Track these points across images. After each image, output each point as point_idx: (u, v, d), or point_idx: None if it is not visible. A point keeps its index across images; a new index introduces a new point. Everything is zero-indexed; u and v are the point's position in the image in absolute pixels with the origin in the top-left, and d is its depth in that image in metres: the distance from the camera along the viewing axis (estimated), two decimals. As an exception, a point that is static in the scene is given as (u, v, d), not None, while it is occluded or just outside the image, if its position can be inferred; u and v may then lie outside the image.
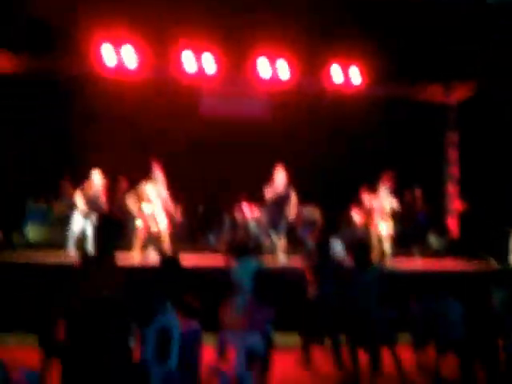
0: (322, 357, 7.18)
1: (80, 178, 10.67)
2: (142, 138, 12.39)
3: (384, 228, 10.73)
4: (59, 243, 10.58)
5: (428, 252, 12.36)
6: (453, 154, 14.93)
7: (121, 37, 11.22)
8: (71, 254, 9.80)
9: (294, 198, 10.18)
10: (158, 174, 10.12)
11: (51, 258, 9.43)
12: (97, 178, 10.28)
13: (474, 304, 6.74)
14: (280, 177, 10.13)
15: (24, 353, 6.29)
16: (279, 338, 6.31)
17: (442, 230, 13.79)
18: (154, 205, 9.93)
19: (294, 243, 11.69)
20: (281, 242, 10.31)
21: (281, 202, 10.11)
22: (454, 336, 6.54)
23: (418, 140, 14.05)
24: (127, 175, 11.86)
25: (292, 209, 10.27)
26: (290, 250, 10.50)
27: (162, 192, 10.11)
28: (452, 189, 14.84)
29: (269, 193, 10.17)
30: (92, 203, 10.07)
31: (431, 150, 14.82)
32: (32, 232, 11.12)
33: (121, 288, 4.12)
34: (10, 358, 5.22)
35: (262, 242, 10.91)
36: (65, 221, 10.80)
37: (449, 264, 11.88)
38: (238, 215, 12.16)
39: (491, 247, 12.31)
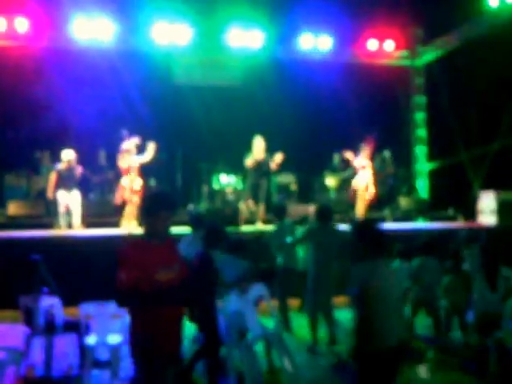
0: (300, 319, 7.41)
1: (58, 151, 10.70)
2: (115, 109, 12.39)
3: (359, 191, 11.01)
4: (40, 217, 10.71)
5: (398, 213, 12.66)
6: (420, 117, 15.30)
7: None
8: (61, 228, 9.93)
9: (273, 164, 10.26)
10: (132, 145, 10.03)
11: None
12: (67, 157, 10.24)
13: (447, 262, 6.99)
14: (259, 145, 10.24)
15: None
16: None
17: (412, 192, 14.15)
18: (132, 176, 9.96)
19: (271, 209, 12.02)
20: (260, 210, 10.51)
21: (261, 169, 10.23)
22: (429, 294, 6.80)
23: (386, 104, 14.30)
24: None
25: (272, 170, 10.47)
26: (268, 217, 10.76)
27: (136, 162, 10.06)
28: (420, 151, 15.23)
29: (249, 161, 10.27)
30: (68, 180, 10.10)
31: (399, 114, 15.17)
32: (12, 208, 11.09)
33: None
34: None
35: (239, 210, 11.06)
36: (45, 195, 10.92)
37: (418, 224, 12.31)
38: (216, 185, 12.32)
39: (460, 206, 12.75)
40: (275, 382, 5.59)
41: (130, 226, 9.86)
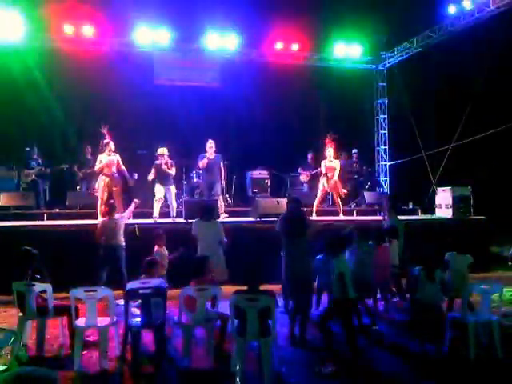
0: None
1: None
2: (100, 108, 12.36)
3: (327, 186, 11.13)
4: (30, 208, 10.65)
5: (363, 206, 12.85)
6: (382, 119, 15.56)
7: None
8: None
9: (221, 164, 10.55)
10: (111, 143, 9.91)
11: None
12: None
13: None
14: (210, 146, 10.45)
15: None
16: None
17: (376, 186, 14.38)
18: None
19: (246, 203, 12.16)
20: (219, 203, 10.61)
21: (212, 168, 10.45)
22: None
23: (353, 107, 14.51)
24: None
25: (222, 173, 10.69)
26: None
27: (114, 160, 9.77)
28: (382, 149, 15.49)
29: (201, 162, 10.49)
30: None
31: (364, 116, 15.41)
32: (3, 198, 11.00)
33: None
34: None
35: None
36: (33, 186, 11.07)
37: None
38: (193, 180, 12.38)
39: (418, 201, 13.03)
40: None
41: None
